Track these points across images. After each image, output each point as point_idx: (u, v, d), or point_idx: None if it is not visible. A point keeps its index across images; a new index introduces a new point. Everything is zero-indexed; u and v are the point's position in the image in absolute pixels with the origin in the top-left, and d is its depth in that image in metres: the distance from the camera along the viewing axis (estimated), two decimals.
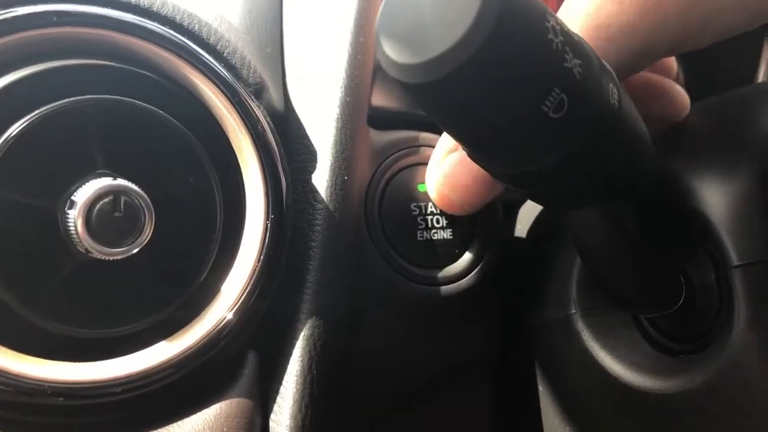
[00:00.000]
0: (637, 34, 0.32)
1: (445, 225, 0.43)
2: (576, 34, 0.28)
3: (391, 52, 0.25)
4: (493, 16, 0.23)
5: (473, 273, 0.43)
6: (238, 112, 0.34)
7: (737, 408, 0.32)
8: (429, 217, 0.42)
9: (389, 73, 0.26)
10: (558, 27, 0.26)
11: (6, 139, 0.30)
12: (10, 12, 0.30)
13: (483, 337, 0.45)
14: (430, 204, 0.42)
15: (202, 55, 0.34)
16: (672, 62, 0.46)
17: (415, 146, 0.43)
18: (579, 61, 0.26)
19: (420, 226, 0.42)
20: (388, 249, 0.41)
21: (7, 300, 0.29)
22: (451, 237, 0.43)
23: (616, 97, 0.29)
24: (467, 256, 0.43)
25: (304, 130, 0.39)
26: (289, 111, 0.41)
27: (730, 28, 0.33)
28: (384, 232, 0.41)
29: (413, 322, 0.41)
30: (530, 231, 0.47)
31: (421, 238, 0.42)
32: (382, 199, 0.42)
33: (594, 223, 0.34)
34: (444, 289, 0.42)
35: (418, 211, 0.42)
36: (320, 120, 0.39)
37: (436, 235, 0.42)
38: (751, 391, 0.32)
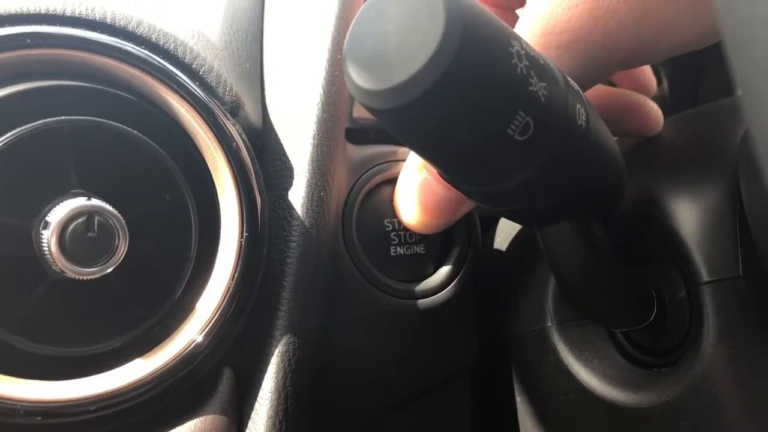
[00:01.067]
0: (589, 43, 0.32)
1: (418, 240, 0.43)
2: (542, 57, 0.28)
3: (357, 77, 0.26)
4: (455, 44, 0.24)
5: (450, 286, 0.43)
6: (213, 131, 0.34)
7: (706, 422, 0.33)
8: (402, 233, 0.43)
9: (355, 98, 0.26)
10: (523, 51, 0.26)
11: None
12: None
13: (460, 349, 0.45)
14: None
15: (177, 75, 0.34)
16: (649, 78, 0.46)
17: (392, 161, 0.43)
18: (544, 84, 0.27)
19: (393, 242, 0.43)
20: (366, 264, 0.41)
21: None
22: (424, 252, 0.43)
23: (583, 117, 0.29)
24: (445, 270, 0.43)
25: (281, 146, 0.40)
26: (266, 127, 0.41)
27: (683, 44, 0.34)
28: (361, 247, 0.41)
29: (391, 335, 0.42)
30: (509, 244, 0.47)
31: (395, 254, 0.42)
32: (359, 215, 0.42)
33: (564, 238, 0.34)
34: (421, 302, 0.42)
35: (391, 227, 0.43)
36: (297, 136, 0.39)
37: (409, 250, 0.43)
38: (720, 405, 0.32)
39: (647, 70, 0.47)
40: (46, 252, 0.30)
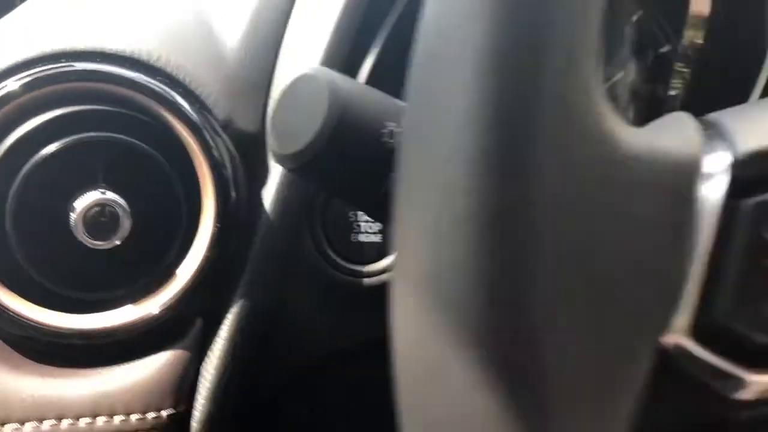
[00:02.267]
0: None
1: (376, 230, 0.54)
2: None
3: (270, 141, 0.37)
4: (328, 132, 0.34)
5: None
6: (200, 145, 0.45)
7: None
8: (362, 223, 0.54)
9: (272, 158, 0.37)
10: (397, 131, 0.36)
11: (36, 159, 0.43)
12: (47, 71, 0.43)
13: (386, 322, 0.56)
14: None
15: (180, 104, 0.45)
16: None
17: None
18: None
19: (354, 230, 0.54)
20: (326, 249, 0.52)
21: (30, 271, 0.44)
22: (381, 241, 0.54)
23: None
24: (391, 256, 0.54)
25: (266, 149, 0.51)
26: (264, 130, 0.52)
27: None
28: (325, 234, 0.52)
29: (336, 305, 0.53)
30: None
31: (355, 240, 0.54)
32: (325, 207, 0.53)
33: None
34: (366, 281, 0.53)
35: (354, 217, 0.54)
36: None
37: (367, 238, 0.54)
38: None
39: None
40: (74, 228, 0.44)
